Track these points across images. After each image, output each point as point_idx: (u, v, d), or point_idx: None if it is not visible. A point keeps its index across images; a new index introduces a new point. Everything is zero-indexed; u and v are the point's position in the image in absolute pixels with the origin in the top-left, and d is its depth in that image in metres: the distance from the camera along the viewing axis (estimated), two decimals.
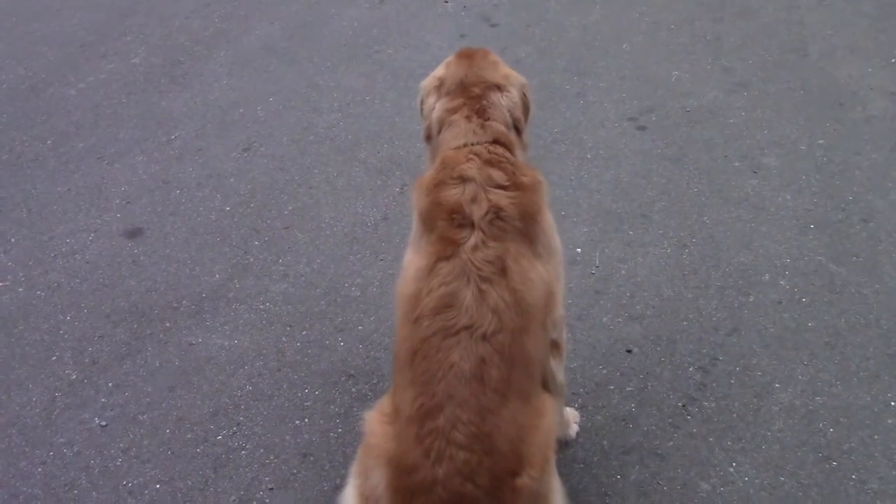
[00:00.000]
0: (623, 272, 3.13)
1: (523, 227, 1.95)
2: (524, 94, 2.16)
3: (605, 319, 2.93)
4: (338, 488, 2.39)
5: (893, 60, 4.40)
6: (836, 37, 4.66)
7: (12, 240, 3.43)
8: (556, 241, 2.10)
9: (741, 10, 4.98)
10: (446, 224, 1.92)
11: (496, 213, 1.92)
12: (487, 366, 1.80)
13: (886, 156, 3.70)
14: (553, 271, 2.03)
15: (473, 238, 1.89)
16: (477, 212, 1.92)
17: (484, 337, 1.82)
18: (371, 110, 4.20)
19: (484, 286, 1.85)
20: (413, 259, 1.98)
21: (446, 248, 1.90)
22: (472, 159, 1.98)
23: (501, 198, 1.94)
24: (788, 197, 3.48)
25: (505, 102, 2.08)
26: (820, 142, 3.82)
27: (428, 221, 1.97)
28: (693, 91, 4.23)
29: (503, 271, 1.88)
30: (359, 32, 4.94)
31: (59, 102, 4.36)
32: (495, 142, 2.03)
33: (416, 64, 4.50)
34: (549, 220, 2.07)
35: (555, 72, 4.44)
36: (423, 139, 2.20)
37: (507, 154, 2.02)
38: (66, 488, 2.45)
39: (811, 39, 4.65)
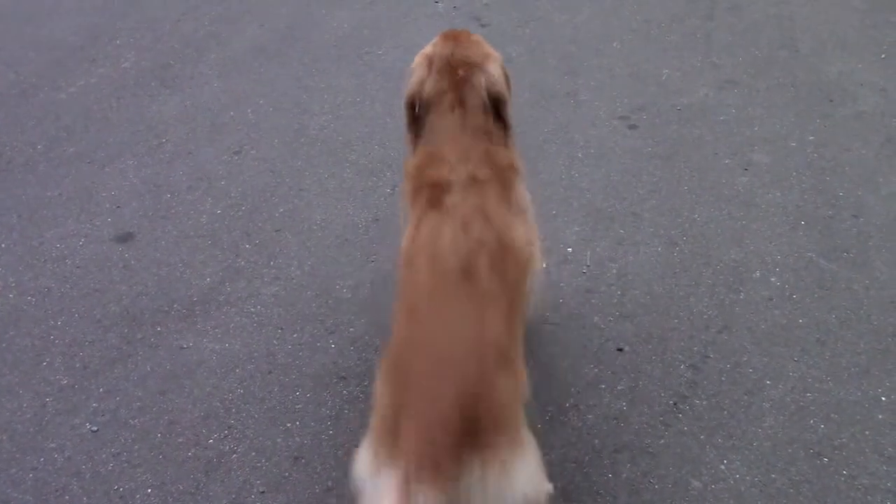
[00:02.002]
0: (614, 271, 3.13)
1: (501, 191, 2.10)
2: (503, 69, 2.28)
3: (595, 318, 2.93)
4: (330, 490, 2.40)
5: (884, 56, 4.41)
6: (827, 32, 4.67)
7: (2, 245, 3.42)
8: (531, 208, 2.27)
9: (731, 7, 4.98)
10: (429, 192, 2.08)
11: (474, 179, 2.07)
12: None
13: (877, 151, 3.71)
14: (531, 231, 2.21)
15: (456, 196, 2.03)
16: (457, 179, 2.07)
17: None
18: (362, 112, 4.19)
19: (468, 224, 1.97)
20: (406, 231, 2.12)
21: (431, 205, 2.05)
22: (453, 149, 2.13)
23: (480, 171, 2.09)
24: (779, 193, 3.48)
25: (485, 83, 2.20)
26: (810, 138, 3.82)
27: (414, 196, 2.12)
28: (684, 89, 4.23)
29: (486, 218, 2.01)
30: (349, 34, 4.94)
31: (50, 107, 4.35)
32: (476, 130, 2.16)
33: (406, 65, 4.42)
34: (524, 191, 2.23)
35: (545, 71, 4.44)
36: (404, 106, 2.30)
37: (487, 142, 2.16)
38: (58, 494, 2.45)
39: (801, 35, 4.66)
